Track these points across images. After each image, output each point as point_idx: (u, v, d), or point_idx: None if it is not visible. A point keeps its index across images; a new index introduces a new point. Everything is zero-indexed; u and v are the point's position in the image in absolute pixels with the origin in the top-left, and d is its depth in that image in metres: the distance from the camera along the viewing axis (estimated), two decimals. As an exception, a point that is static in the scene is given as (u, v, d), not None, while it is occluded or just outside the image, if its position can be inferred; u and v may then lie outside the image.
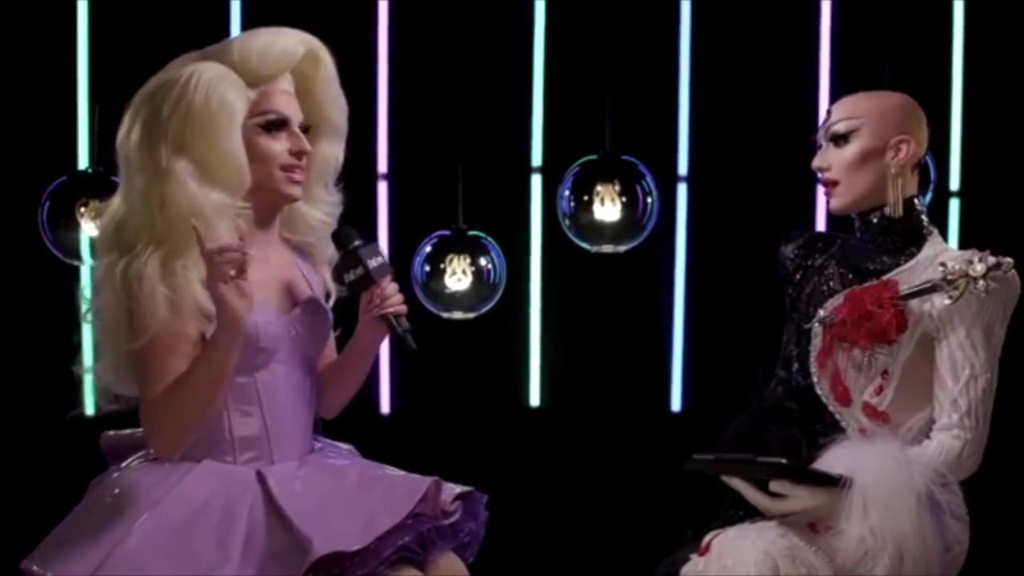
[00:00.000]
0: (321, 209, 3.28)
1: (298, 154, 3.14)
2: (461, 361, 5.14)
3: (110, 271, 3.02)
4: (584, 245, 4.62)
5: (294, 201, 3.19)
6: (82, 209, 4.49)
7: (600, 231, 4.56)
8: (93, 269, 3.11)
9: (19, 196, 4.81)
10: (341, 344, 3.34)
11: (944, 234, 5.17)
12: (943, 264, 3.06)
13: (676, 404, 5.21)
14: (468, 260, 4.63)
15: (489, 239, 4.68)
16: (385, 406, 5.16)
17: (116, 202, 3.09)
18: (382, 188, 5.11)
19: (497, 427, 5.18)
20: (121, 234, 3.04)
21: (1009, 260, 3.06)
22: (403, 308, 3.19)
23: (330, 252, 3.28)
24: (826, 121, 3.23)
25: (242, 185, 3.08)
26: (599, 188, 4.55)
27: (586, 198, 4.56)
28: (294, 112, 3.16)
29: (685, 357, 5.19)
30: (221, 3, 5.05)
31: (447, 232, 4.67)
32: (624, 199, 4.55)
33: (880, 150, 3.16)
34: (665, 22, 5.15)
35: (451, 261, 4.62)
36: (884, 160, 3.16)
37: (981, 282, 3.01)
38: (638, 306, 5.20)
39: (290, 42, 3.17)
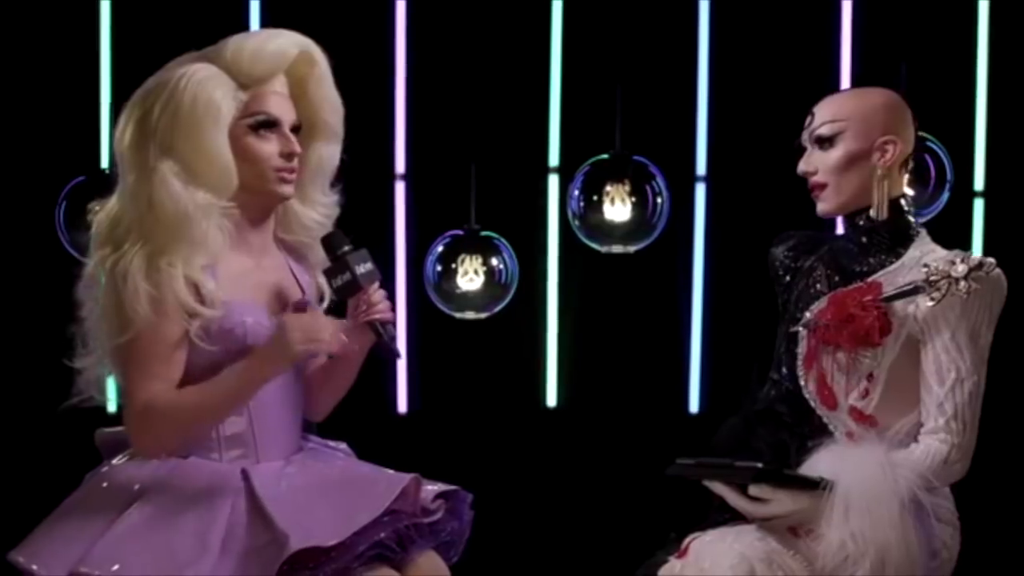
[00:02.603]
0: (316, 210, 3.29)
1: (288, 155, 3.15)
2: (478, 361, 5.15)
3: (100, 266, 3.07)
4: (594, 245, 4.61)
5: (285, 200, 3.21)
6: (97, 209, 4.52)
7: (610, 231, 4.54)
8: (87, 264, 3.15)
9: (41, 196, 4.86)
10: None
11: (968, 234, 5.20)
12: (926, 265, 3.02)
13: (694, 406, 5.19)
14: (480, 260, 4.63)
15: (501, 239, 4.68)
16: (403, 406, 5.18)
17: (112, 200, 3.14)
18: (399, 188, 5.13)
19: (514, 427, 5.19)
20: (114, 231, 3.09)
21: (991, 260, 3.01)
22: (390, 315, 3.20)
23: (324, 254, 3.29)
24: (809, 123, 3.19)
25: (229, 186, 3.10)
26: (609, 188, 4.54)
27: (596, 198, 4.55)
28: (285, 113, 3.17)
29: (703, 358, 5.17)
30: (241, 4, 5.08)
31: (459, 232, 4.68)
32: (634, 199, 4.53)
33: (866, 152, 3.12)
34: (684, 22, 5.13)
35: (463, 261, 4.62)
36: (870, 162, 3.12)
37: (963, 283, 2.97)
38: (656, 307, 5.19)
39: (283, 43, 3.18)
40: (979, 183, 5.16)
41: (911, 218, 3.16)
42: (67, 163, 4.86)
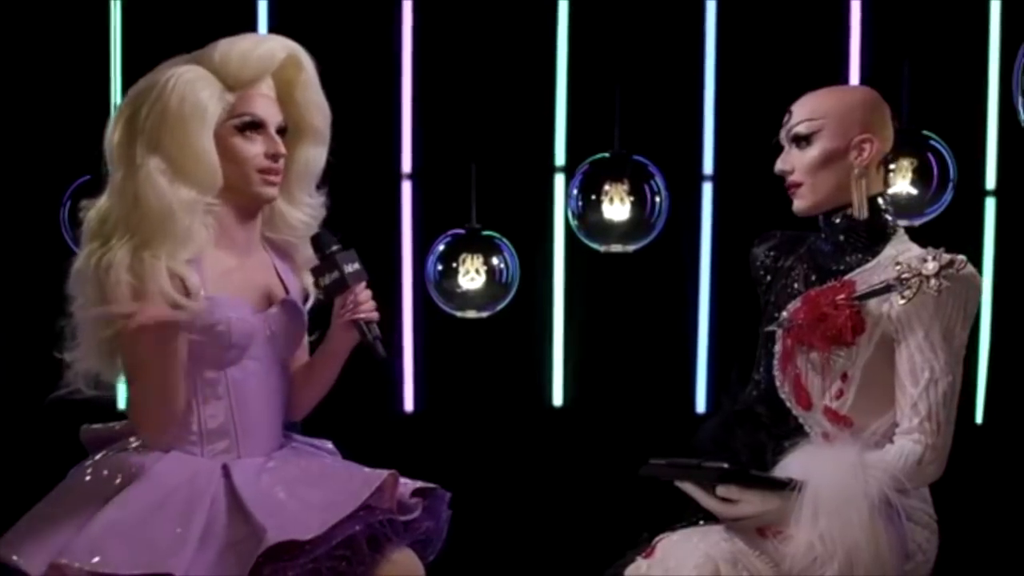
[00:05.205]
0: (302, 210, 3.34)
1: (273, 156, 3.20)
2: (484, 360, 5.16)
3: (88, 260, 3.12)
4: (593, 244, 4.61)
5: (269, 202, 3.26)
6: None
7: (609, 230, 4.54)
8: (76, 259, 3.18)
9: (50, 195, 4.90)
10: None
11: (980, 233, 5.15)
12: (899, 263, 3.00)
13: (701, 405, 5.18)
14: (481, 259, 4.63)
15: (502, 239, 4.68)
16: (409, 405, 5.20)
17: (102, 197, 3.20)
18: (406, 188, 5.15)
19: (520, 426, 5.19)
20: (103, 226, 3.15)
21: (962, 257, 2.99)
22: (375, 315, 3.24)
23: (311, 254, 3.32)
24: (787, 121, 3.19)
25: (214, 184, 3.15)
26: (608, 187, 4.53)
27: (594, 197, 4.55)
28: (271, 115, 3.22)
29: (710, 358, 5.15)
30: (250, 5, 5.11)
31: (460, 231, 4.68)
32: (633, 198, 4.53)
33: (843, 150, 3.10)
34: (691, 21, 5.12)
35: (464, 260, 4.63)
36: (847, 160, 3.10)
37: (933, 281, 2.94)
38: (662, 306, 5.18)
39: (270, 47, 3.24)
40: (991, 182, 5.11)
41: (888, 217, 3.13)
42: (76, 163, 4.89)
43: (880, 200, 3.13)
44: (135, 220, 3.09)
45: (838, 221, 3.13)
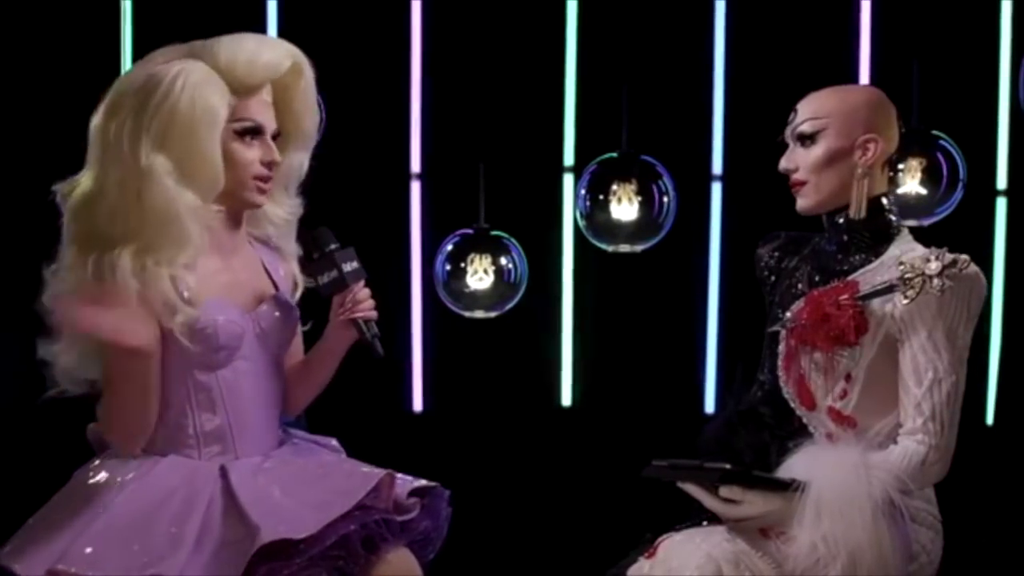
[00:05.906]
0: (284, 209, 3.36)
1: (269, 164, 3.21)
2: (493, 360, 5.15)
3: (80, 260, 3.09)
4: (601, 245, 4.60)
5: (257, 208, 3.27)
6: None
7: (616, 230, 4.53)
8: (61, 254, 3.15)
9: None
10: (311, 341, 3.39)
11: (991, 233, 5.13)
12: (902, 263, 2.99)
13: (710, 406, 5.16)
14: (489, 259, 4.62)
15: (511, 239, 4.67)
16: (418, 404, 5.20)
17: (88, 188, 3.14)
18: (415, 188, 5.14)
19: (528, 426, 5.18)
20: (95, 223, 3.09)
21: (965, 257, 2.98)
22: (373, 314, 3.26)
23: (295, 246, 3.36)
24: (792, 120, 3.18)
25: (215, 188, 3.15)
26: (615, 187, 4.52)
27: (602, 197, 4.54)
28: (269, 121, 3.22)
29: (718, 358, 5.14)
30: (259, 5, 5.11)
31: (469, 231, 4.68)
32: (640, 198, 4.52)
33: (847, 150, 3.10)
34: (700, 20, 5.11)
35: (472, 260, 4.62)
36: (851, 160, 3.10)
37: (936, 280, 2.93)
38: (671, 306, 5.17)
39: (276, 55, 3.23)
40: (1001, 182, 5.09)
41: (892, 217, 3.13)
42: (80, 163, 4.90)
43: (884, 200, 3.13)
44: (135, 221, 3.06)
45: (841, 221, 3.12)
